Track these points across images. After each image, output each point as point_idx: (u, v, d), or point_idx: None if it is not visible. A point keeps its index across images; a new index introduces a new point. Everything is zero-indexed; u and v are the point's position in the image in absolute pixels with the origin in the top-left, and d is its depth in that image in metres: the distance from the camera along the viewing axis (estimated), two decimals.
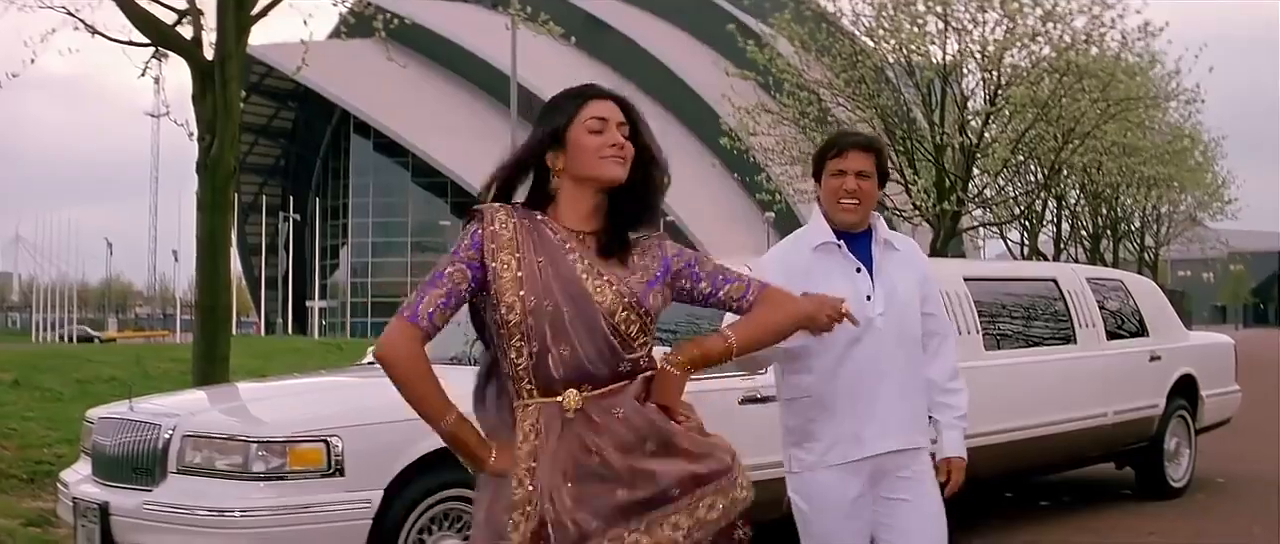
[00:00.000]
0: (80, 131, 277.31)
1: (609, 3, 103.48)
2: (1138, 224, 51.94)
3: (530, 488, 3.52)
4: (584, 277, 3.59)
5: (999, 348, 9.54)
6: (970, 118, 25.18)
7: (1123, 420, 10.65)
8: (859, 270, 4.87)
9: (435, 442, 6.47)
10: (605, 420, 3.54)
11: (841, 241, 4.89)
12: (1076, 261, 39.38)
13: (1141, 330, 11.31)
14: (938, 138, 24.73)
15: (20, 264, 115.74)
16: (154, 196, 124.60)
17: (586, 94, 3.80)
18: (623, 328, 3.59)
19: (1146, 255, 54.86)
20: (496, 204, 3.70)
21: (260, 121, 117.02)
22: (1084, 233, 45.59)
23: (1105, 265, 42.40)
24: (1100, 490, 11.81)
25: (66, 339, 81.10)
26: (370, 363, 8.77)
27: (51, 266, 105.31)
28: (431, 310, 3.56)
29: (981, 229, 36.76)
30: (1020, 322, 10.16)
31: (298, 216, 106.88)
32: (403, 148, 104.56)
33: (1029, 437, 9.40)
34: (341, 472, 6.57)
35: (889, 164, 5.14)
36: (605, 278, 3.61)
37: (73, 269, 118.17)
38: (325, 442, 6.57)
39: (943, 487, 4.99)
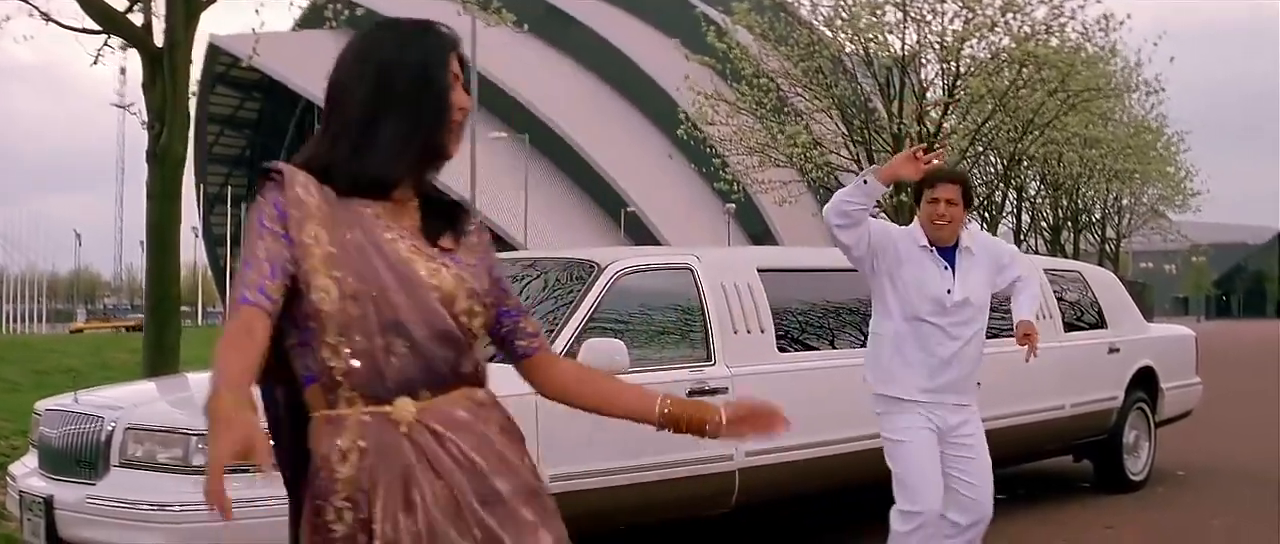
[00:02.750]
0: (51, 122, 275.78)
1: None
2: (1099, 216, 52.03)
3: (359, 517, 2.83)
4: (412, 257, 2.90)
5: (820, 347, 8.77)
6: (929, 108, 25.10)
7: (1081, 413, 10.60)
8: (946, 268, 6.48)
9: None
10: (454, 436, 2.90)
11: (934, 248, 6.50)
12: (1036, 254, 39.42)
13: (1100, 322, 11.26)
14: (895, 128, 24.64)
15: None
16: (120, 186, 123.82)
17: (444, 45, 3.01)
18: (464, 320, 2.93)
19: (1108, 247, 54.98)
20: (293, 165, 2.91)
21: (226, 112, 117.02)
22: (1044, 224, 45.65)
23: (1066, 257, 42.53)
24: (1058, 483, 11.76)
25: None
26: None
27: (20, 258, 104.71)
28: (262, 285, 2.75)
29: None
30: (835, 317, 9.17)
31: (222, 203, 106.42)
32: None
33: (990, 428, 9.28)
34: None
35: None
36: (439, 261, 2.94)
37: (42, 260, 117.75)
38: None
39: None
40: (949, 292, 6.44)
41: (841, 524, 9.69)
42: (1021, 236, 42.22)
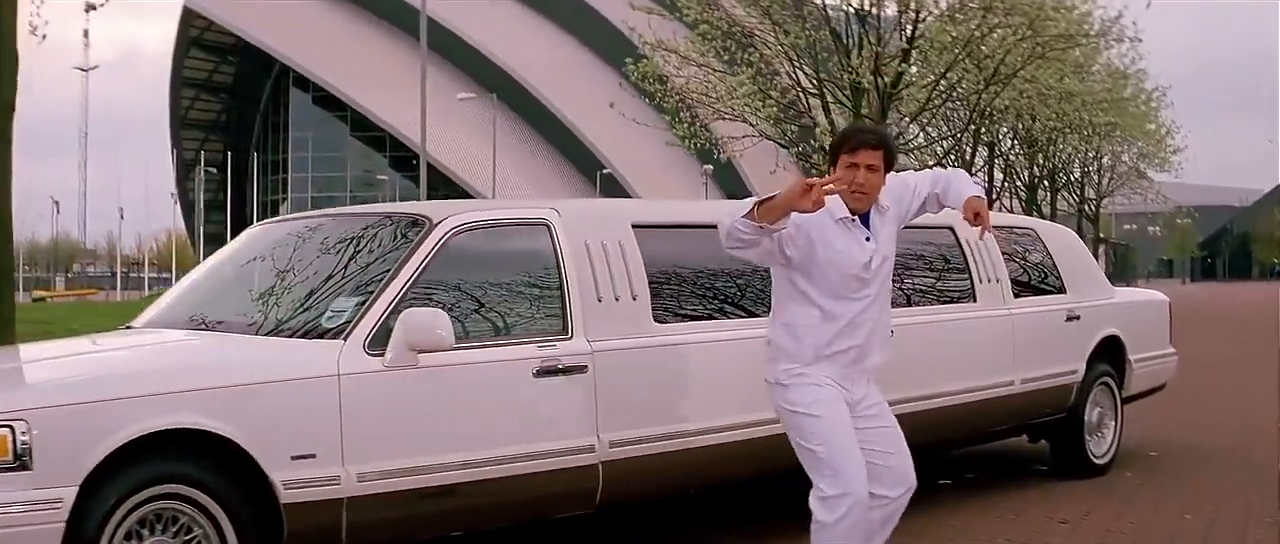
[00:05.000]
0: (35, 88, 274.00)
1: None
2: (1078, 174, 50.44)
3: None
4: None
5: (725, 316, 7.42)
6: (887, 61, 23.56)
7: (1033, 389, 9.24)
8: (868, 239, 5.84)
9: (144, 426, 5.05)
10: None
11: (856, 218, 5.81)
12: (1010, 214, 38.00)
13: (1057, 287, 9.89)
14: (851, 75, 23.21)
15: None
16: (83, 152, 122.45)
17: None
18: None
19: (1087, 208, 53.45)
20: None
21: (200, 77, 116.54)
22: (1020, 183, 44.03)
23: (1042, 217, 41.07)
24: (1012, 466, 10.43)
25: None
26: (132, 327, 7.35)
27: None
28: None
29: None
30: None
31: (212, 170, 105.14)
32: (341, 102, 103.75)
33: (916, 409, 7.91)
34: (27, 465, 5.15)
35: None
36: None
37: (21, 227, 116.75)
38: (9, 427, 5.14)
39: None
40: (869, 262, 5.83)
41: (742, 521, 8.35)
42: (995, 196, 40.62)
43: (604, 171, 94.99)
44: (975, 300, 8.92)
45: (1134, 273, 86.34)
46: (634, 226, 7.09)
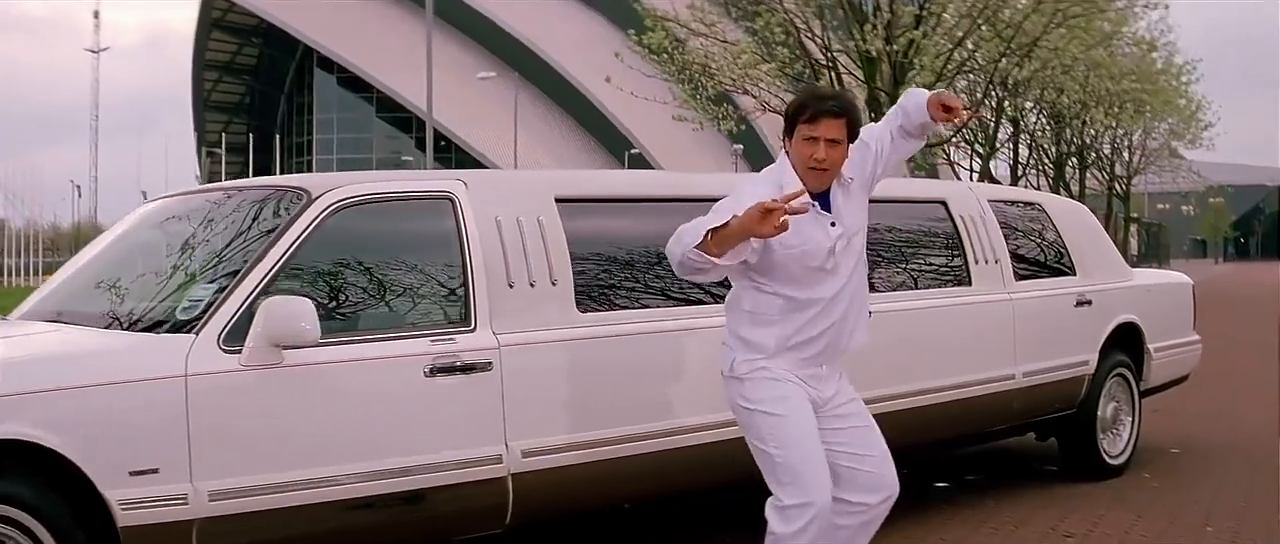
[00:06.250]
0: (57, 74, 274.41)
1: None
2: (1108, 150, 49.07)
3: None
4: None
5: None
6: (900, 32, 22.47)
7: (1038, 383, 8.23)
8: (834, 224, 5.09)
9: None
10: None
11: (816, 202, 5.04)
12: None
13: (1066, 268, 8.87)
14: (861, 44, 22.20)
15: None
16: (94, 135, 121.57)
17: None
18: None
19: (1117, 185, 52.09)
20: None
21: (223, 59, 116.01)
22: (1047, 160, 42.72)
23: (1072, 196, 39.82)
24: (1018, 467, 9.45)
25: None
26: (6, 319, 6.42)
27: (22, 210, 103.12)
28: None
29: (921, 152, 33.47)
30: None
31: (218, 150, 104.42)
32: (367, 84, 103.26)
33: (898, 408, 6.94)
34: None
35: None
36: None
37: (44, 212, 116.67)
38: None
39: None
40: (834, 248, 5.11)
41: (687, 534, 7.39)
42: (1022, 172, 39.40)
43: (633, 151, 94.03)
44: (970, 283, 7.92)
45: (1167, 253, 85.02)
46: (558, 201, 6.08)
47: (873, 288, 6.58)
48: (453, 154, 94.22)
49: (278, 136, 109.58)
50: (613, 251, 6.31)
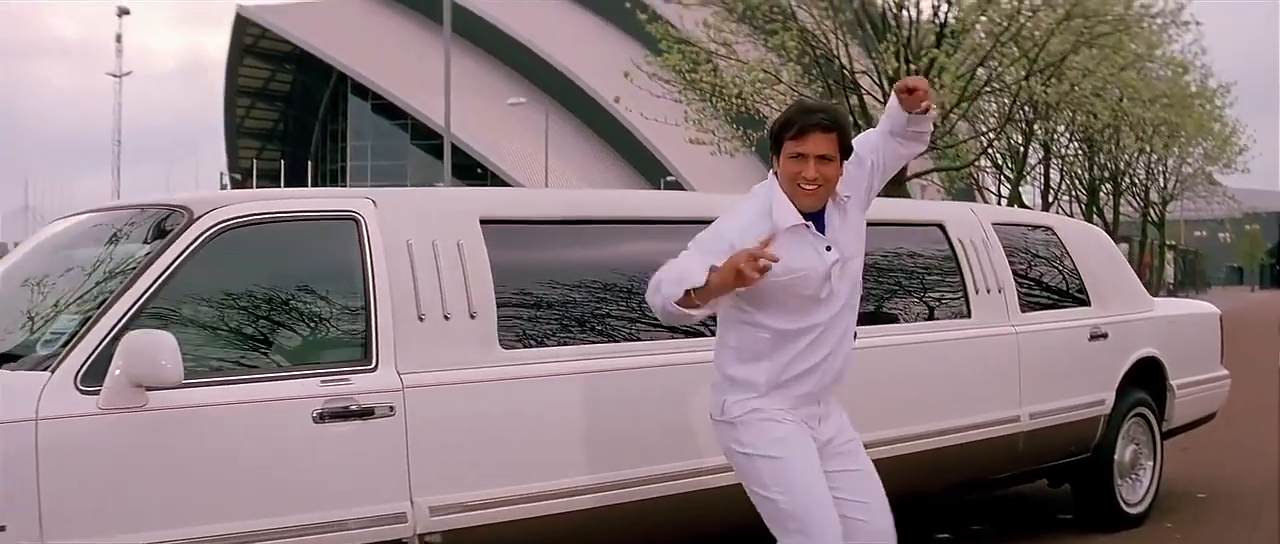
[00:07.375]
0: (95, 99, 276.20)
1: None
2: (1142, 175, 48.21)
3: None
4: None
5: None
6: (922, 51, 21.90)
7: (1047, 425, 7.52)
8: (829, 248, 4.78)
9: None
10: None
11: (810, 223, 4.75)
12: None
13: (1079, 298, 8.15)
14: (881, 63, 21.69)
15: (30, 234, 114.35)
16: (116, 160, 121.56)
17: None
18: None
19: (1152, 212, 51.25)
20: None
21: (256, 85, 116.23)
22: (1080, 185, 41.95)
23: (1105, 223, 39.03)
24: (1029, 515, 8.75)
25: None
26: None
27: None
28: None
29: (934, 175, 32.69)
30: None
31: (237, 176, 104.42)
32: (402, 110, 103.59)
33: (888, 455, 6.21)
34: None
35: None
36: None
37: None
38: None
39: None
40: (829, 274, 4.77)
41: None
42: (1053, 197, 38.57)
43: (669, 178, 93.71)
44: (969, 315, 7.21)
45: (1204, 281, 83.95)
46: (484, 222, 5.40)
47: (858, 320, 5.90)
48: (487, 180, 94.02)
49: (310, 163, 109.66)
50: (547, 280, 5.61)
